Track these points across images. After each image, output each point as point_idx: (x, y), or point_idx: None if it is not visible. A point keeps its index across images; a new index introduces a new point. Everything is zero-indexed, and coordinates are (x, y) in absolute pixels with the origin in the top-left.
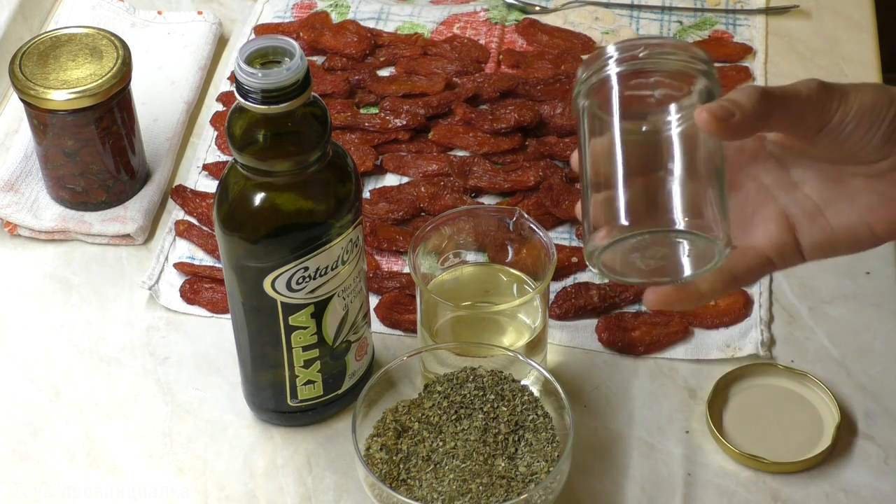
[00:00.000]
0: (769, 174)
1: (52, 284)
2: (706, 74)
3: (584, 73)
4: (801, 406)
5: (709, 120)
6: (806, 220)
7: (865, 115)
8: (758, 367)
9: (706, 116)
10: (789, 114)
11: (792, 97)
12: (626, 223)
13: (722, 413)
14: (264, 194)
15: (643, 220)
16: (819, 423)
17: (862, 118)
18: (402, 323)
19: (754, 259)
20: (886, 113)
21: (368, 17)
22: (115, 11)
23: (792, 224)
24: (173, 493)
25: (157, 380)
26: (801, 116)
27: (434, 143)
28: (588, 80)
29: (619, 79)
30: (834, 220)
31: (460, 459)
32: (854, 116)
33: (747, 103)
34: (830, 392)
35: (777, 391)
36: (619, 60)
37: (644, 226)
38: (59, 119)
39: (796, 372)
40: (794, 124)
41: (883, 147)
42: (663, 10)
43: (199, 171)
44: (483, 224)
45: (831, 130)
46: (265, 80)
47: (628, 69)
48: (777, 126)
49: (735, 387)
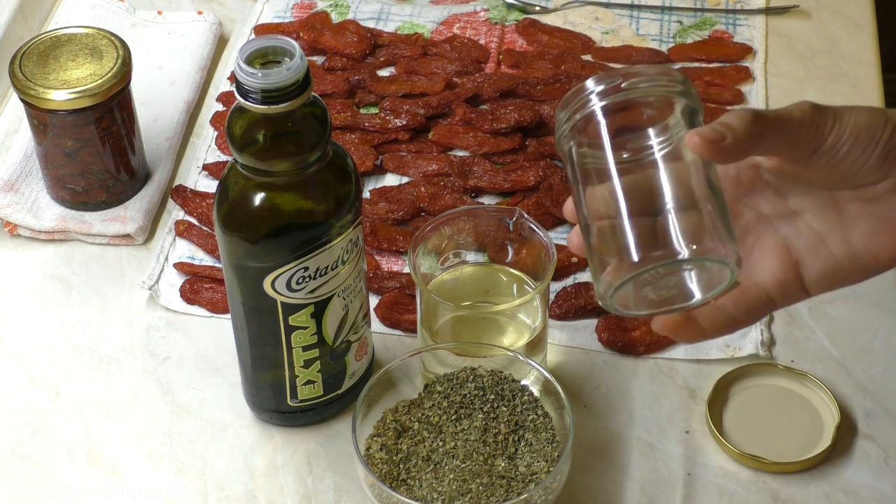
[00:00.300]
0: (768, 203)
1: (52, 284)
2: (686, 94)
3: (565, 112)
4: (801, 406)
5: (700, 144)
6: (808, 252)
7: (860, 136)
8: (758, 367)
9: (698, 140)
10: (782, 136)
11: (784, 119)
12: (636, 260)
13: (722, 413)
14: (264, 194)
15: (653, 255)
16: (819, 423)
17: (857, 139)
18: (402, 323)
19: (755, 299)
20: (882, 134)
21: (368, 17)
22: (115, 11)
23: (794, 257)
24: (173, 493)
25: (157, 380)
26: (794, 138)
27: (434, 143)
28: (571, 118)
29: (605, 112)
30: (836, 249)
31: (460, 459)
32: (849, 137)
33: (739, 126)
34: (830, 392)
35: (777, 391)
36: (602, 94)
37: (655, 260)
38: (59, 119)
39: (796, 372)
40: (787, 147)
41: (880, 168)
42: (663, 10)
43: (199, 171)
44: (483, 224)
45: (826, 152)
46: (265, 80)
47: (612, 102)
48: (770, 149)
49: (735, 387)
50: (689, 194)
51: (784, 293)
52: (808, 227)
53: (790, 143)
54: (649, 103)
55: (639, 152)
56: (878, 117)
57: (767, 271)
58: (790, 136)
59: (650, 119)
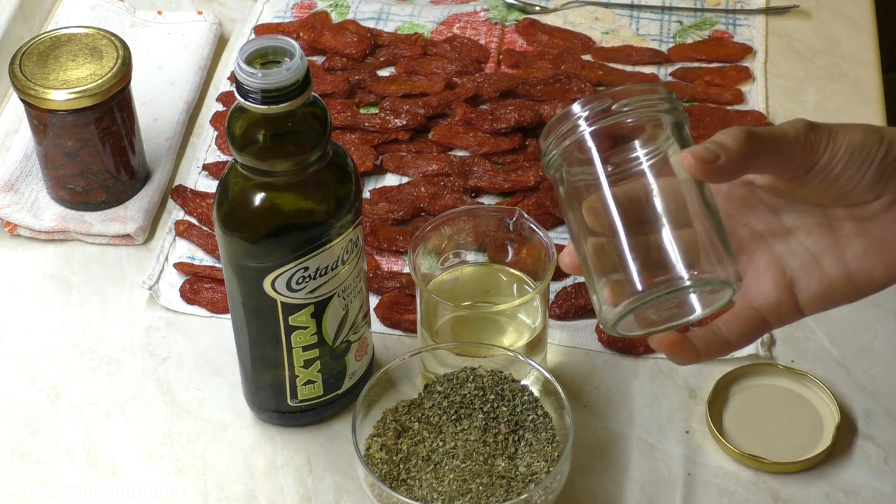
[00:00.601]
0: (761, 220)
1: (52, 284)
2: (673, 111)
3: (553, 138)
4: (801, 406)
5: (694, 164)
6: (802, 272)
7: (855, 154)
8: (758, 367)
9: (692, 160)
10: (776, 155)
11: (779, 138)
12: (640, 287)
13: (722, 413)
14: (264, 194)
15: (655, 281)
16: (819, 423)
17: (851, 157)
18: (402, 323)
19: (749, 322)
20: (877, 152)
21: (368, 17)
22: (115, 11)
23: (788, 277)
24: (173, 493)
25: (157, 380)
26: (788, 157)
27: (434, 143)
28: (561, 144)
29: (595, 137)
30: (830, 269)
31: (460, 459)
32: (843, 156)
33: (733, 145)
34: (830, 392)
35: (777, 391)
36: (590, 118)
37: (658, 287)
38: (59, 119)
39: (796, 372)
40: (781, 165)
41: (874, 187)
42: (663, 10)
43: (199, 171)
44: (483, 224)
45: (820, 171)
46: (265, 80)
47: (602, 125)
48: (764, 167)
49: (735, 387)
50: (685, 213)
51: (778, 315)
52: (802, 246)
53: (784, 162)
54: (639, 123)
55: (631, 171)
56: (873, 135)
57: (762, 293)
58: (784, 155)
59: (641, 138)
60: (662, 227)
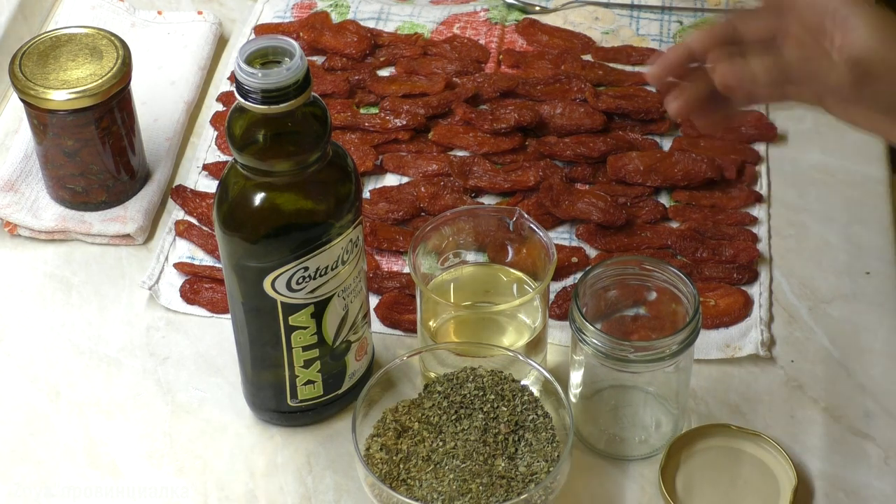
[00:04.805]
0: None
1: (52, 284)
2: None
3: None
4: (756, 468)
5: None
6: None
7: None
8: (711, 428)
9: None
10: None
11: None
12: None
13: (675, 478)
14: (264, 194)
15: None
16: (775, 485)
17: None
18: (402, 323)
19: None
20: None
21: (368, 17)
22: (115, 11)
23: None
24: (173, 493)
25: (157, 380)
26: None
27: (434, 143)
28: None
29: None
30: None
31: (460, 459)
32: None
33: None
34: (786, 452)
35: (731, 453)
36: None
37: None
38: (59, 119)
39: (749, 433)
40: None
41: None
42: (663, 10)
43: (199, 171)
44: (483, 224)
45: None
46: (265, 80)
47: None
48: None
49: (687, 450)
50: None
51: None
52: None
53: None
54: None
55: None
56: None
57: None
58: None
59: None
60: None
